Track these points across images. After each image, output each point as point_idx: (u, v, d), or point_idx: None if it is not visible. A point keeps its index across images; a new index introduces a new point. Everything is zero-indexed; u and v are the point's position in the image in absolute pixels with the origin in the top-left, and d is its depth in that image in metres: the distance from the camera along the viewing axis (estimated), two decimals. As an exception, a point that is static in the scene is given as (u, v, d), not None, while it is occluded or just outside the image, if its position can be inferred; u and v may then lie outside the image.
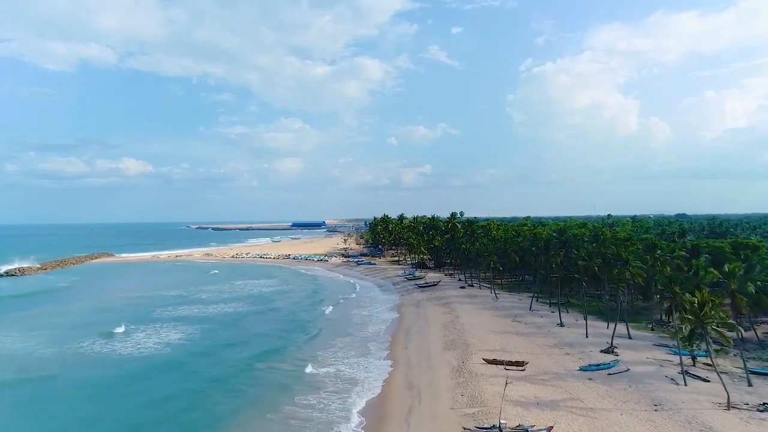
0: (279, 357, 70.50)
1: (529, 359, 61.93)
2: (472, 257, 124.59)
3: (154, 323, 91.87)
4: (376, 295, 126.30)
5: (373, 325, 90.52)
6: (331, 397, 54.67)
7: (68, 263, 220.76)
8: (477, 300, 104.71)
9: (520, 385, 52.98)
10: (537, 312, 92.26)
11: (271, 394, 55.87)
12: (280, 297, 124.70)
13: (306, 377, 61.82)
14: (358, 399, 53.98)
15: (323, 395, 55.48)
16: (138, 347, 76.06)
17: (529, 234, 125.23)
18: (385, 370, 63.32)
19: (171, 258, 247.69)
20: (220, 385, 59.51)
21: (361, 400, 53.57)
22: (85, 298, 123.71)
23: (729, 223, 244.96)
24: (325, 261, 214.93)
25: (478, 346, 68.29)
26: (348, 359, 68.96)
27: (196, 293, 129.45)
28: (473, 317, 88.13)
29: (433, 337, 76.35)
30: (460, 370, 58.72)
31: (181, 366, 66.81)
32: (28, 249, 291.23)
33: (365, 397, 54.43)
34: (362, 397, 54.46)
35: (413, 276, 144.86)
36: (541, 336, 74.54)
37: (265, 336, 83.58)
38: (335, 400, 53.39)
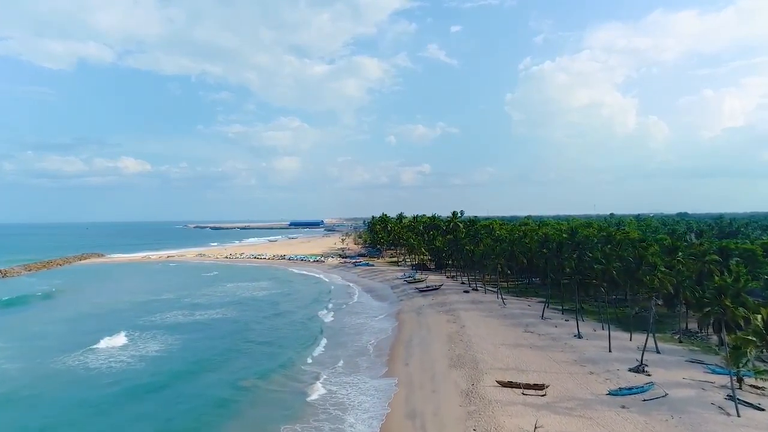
0: (260, 376, 62.31)
1: (549, 380, 53.91)
2: (477, 259, 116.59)
3: (133, 333, 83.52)
4: (373, 300, 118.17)
5: (369, 336, 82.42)
6: (322, 428, 46.58)
7: (55, 264, 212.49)
8: (483, 306, 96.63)
9: (542, 415, 44.93)
10: (550, 320, 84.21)
11: (246, 426, 47.85)
12: (269, 304, 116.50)
13: (291, 402, 53.76)
14: (354, 429, 45.90)
15: (313, 425, 47.43)
16: (110, 362, 67.95)
17: (538, 235, 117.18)
18: (383, 393, 55.21)
19: (162, 259, 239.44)
20: (192, 414, 51.41)
21: (358, 429, 45.50)
22: (65, 306, 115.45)
23: (738, 222, 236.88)
24: (322, 262, 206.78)
25: (488, 363, 60.23)
26: (341, 377, 60.85)
27: (183, 298, 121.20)
28: (480, 327, 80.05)
29: (436, 351, 68.27)
30: (471, 394, 50.64)
31: (154, 389, 58.59)
32: (19, 249, 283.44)
33: (360, 428, 46.35)
34: (356, 428, 46.39)
35: (413, 279, 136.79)
36: (558, 350, 66.50)
37: (247, 350, 75.43)
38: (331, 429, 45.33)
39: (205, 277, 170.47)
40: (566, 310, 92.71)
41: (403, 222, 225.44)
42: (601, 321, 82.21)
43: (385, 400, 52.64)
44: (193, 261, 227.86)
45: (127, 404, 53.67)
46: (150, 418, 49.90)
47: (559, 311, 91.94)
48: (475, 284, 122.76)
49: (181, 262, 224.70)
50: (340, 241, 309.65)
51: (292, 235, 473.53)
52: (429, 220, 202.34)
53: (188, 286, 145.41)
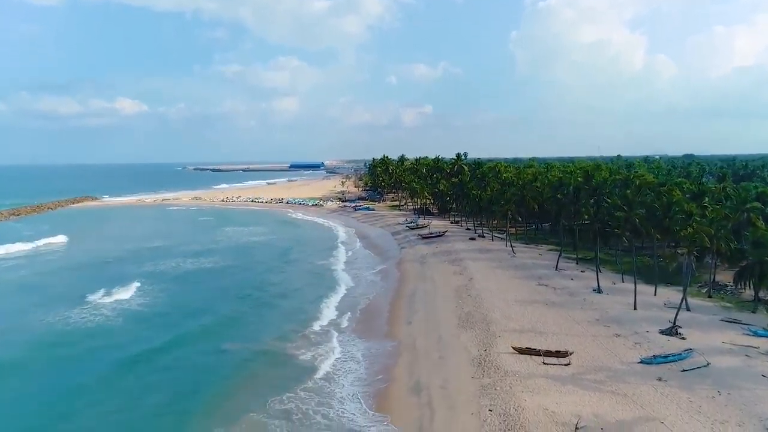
0: (246, 339, 56.18)
1: (571, 345, 47.60)
2: (484, 205, 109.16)
3: (114, 287, 77.09)
4: (373, 248, 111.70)
5: (368, 289, 76.25)
6: (308, 401, 40.52)
7: (45, 208, 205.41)
8: (491, 256, 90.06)
9: (567, 390, 38.73)
10: (565, 272, 77.69)
11: (227, 393, 41.86)
12: (264, 252, 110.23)
13: (278, 369, 47.77)
14: (344, 407, 39.82)
15: (300, 395, 41.43)
16: (91, 319, 61.90)
17: (551, 179, 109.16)
18: (383, 360, 49.11)
19: (157, 202, 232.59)
20: (170, 381, 45.51)
21: (349, 408, 39.45)
22: (50, 256, 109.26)
23: (753, 165, 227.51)
24: (321, 206, 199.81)
25: (501, 324, 53.89)
26: (335, 337, 54.71)
27: (175, 246, 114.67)
28: (490, 279, 73.63)
29: (443, 308, 62.01)
30: (483, 363, 44.39)
31: (125, 353, 52.56)
32: (10, 192, 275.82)
33: (354, 403, 40.30)
34: (349, 402, 40.35)
35: (416, 225, 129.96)
36: (577, 307, 60.15)
37: (235, 306, 69.31)
38: (316, 411, 39.20)
39: (199, 221, 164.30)
40: (581, 259, 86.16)
41: (405, 164, 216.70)
42: (620, 272, 75.72)
43: (385, 370, 46.50)
44: (189, 204, 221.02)
45: (105, 371, 47.77)
46: (121, 389, 43.99)
47: (572, 261, 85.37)
48: (481, 230, 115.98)
49: (176, 205, 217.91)
50: (340, 184, 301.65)
51: (292, 177, 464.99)
52: (432, 163, 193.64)
53: (181, 231, 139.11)
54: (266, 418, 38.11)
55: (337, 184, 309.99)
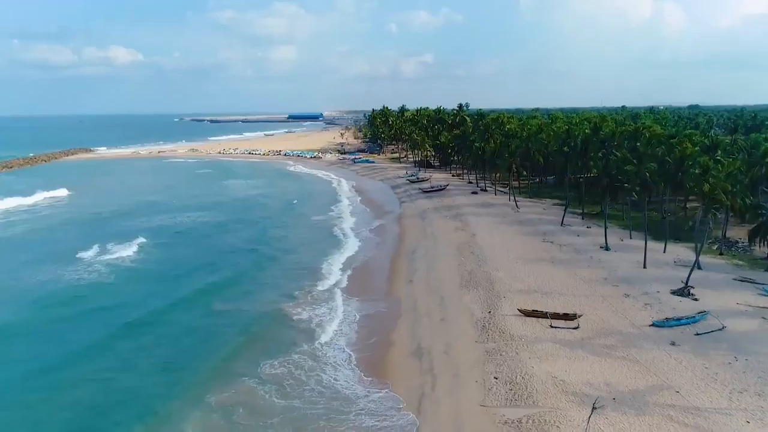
0: (238, 297, 54.21)
1: (579, 306, 45.60)
2: (487, 158, 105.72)
3: (113, 242, 74.73)
4: (372, 202, 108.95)
5: (367, 245, 73.98)
6: (302, 365, 38.73)
7: (38, 161, 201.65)
8: (494, 211, 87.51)
9: (577, 356, 36.84)
10: (570, 228, 75.31)
11: (220, 356, 40.07)
12: (262, 206, 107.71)
13: (274, 326, 46.02)
14: (339, 374, 37.99)
15: (294, 359, 39.66)
16: (80, 276, 59.84)
17: (557, 130, 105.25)
18: (383, 321, 47.23)
19: (153, 154, 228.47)
20: (163, 345, 43.72)
21: (344, 374, 37.66)
22: (42, 211, 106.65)
23: (763, 116, 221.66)
24: (319, 158, 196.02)
25: (506, 284, 51.79)
26: (333, 297, 52.69)
27: (171, 200, 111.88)
28: (493, 235, 71.32)
29: (445, 267, 59.88)
30: (488, 326, 42.43)
31: (116, 314, 50.70)
32: (1, 144, 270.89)
33: (351, 369, 38.48)
34: (345, 368, 38.55)
35: (416, 178, 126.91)
36: (584, 265, 57.98)
37: (230, 261, 67.16)
38: (309, 377, 37.42)
39: (197, 174, 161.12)
40: (587, 215, 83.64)
41: (405, 115, 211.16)
42: (628, 228, 73.26)
43: (384, 333, 44.61)
44: (185, 157, 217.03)
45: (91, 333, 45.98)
46: (112, 352, 42.21)
47: (578, 216, 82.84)
48: (484, 184, 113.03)
49: (172, 157, 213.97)
50: (339, 136, 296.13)
51: (291, 128, 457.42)
52: (433, 114, 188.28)
53: (179, 185, 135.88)
54: (257, 383, 36.35)
55: (336, 135, 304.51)
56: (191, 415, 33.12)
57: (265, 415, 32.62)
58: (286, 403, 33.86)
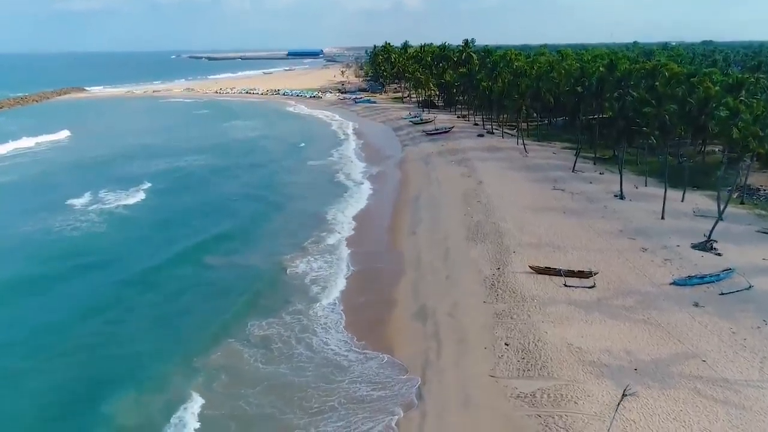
0: (238, 246, 51.49)
1: (594, 262, 42.73)
2: (495, 98, 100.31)
3: (100, 190, 71.55)
4: (373, 145, 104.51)
5: (368, 192, 70.51)
6: (293, 327, 36.26)
7: (30, 101, 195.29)
8: (502, 155, 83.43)
9: (593, 319, 34.20)
10: (582, 174, 71.55)
11: (210, 315, 37.60)
12: (261, 149, 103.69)
13: (265, 276, 43.45)
14: (332, 336, 35.53)
15: (286, 320, 37.17)
16: (69, 227, 57.05)
17: (570, 68, 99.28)
18: (384, 277, 44.48)
19: (147, 94, 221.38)
20: (152, 304, 41.27)
21: (339, 338, 35.20)
22: (33, 155, 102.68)
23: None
24: (319, 98, 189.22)
25: (515, 236, 48.71)
26: (332, 250, 49.81)
27: (167, 143, 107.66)
28: (501, 182, 67.76)
29: (450, 217, 56.69)
30: (497, 284, 39.66)
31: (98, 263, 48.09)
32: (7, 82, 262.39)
33: (336, 339, 35.97)
34: (338, 330, 36.09)
35: (420, 120, 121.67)
36: (597, 215, 54.74)
37: (232, 209, 64.12)
38: (299, 340, 34.98)
39: (194, 116, 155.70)
40: (599, 159, 79.64)
41: (409, 52, 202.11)
42: (643, 175, 69.48)
43: (386, 290, 41.92)
44: (181, 96, 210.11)
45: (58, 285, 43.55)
46: (96, 312, 39.82)
47: (589, 161, 78.84)
48: (490, 126, 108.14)
49: (168, 97, 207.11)
50: (340, 74, 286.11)
51: (290, 66, 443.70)
52: (438, 51, 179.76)
53: (175, 127, 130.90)
54: (245, 346, 34.02)
55: (336, 73, 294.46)
56: (174, 380, 31.03)
57: (248, 382, 30.37)
58: (272, 369, 31.53)
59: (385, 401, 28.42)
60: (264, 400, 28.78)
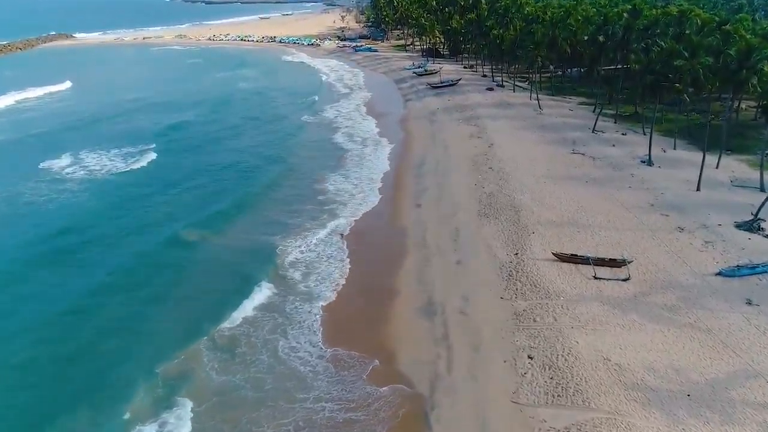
0: (222, 222, 45.98)
1: (625, 243, 37.32)
2: (507, 48, 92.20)
3: (79, 153, 65.69)
4: (374, 99, 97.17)
5: (368, 155, 64.27)
6: (263, 326, 31.30)
7: (13, 48, 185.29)
8: (514, 112, 76.57)
9: (631, 324, 29.00)
10: (603, 135, 65.08)
11: (180, 309, 32.63)
12: (250, 103, 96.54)
13: (252, 258, 38.14)
14: (304, 339, 30.61)
15: (259, 318, 32.23)
16: (53, 193, 51.61)
17: (590, 16, 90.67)
18: (384, 259, 39.14)
19: (138, 41, 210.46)
20: (119, 289, 36.25)
21: (311, 340, 30.27)
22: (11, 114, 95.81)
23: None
24: (317, 46, 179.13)
25: (534, 212, 43.08)
26: (325, 227, 44.28)
27: (156, 96, 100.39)
28: (514, 145, 61.51)
29: (459, 186, 50.86)
30: (516, 275, 34.34)
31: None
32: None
33: (312, 335, 31.05)
34: (306, 333, 31.14)
35: (424, 70, 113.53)
36: (624, 185, 48.88)
37: (219, 175, 58.34)
38: (264, 343, 30.05)
39: (186, 65, 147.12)
40: (621, 116, 72.96)
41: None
42: (670, 135, 63.04)
43: (387, 277, 36.65)
44: (173, 44, 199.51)
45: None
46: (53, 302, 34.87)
47: (610, 119, 72.17)
48: (501, 78, 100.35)
49: (159, 45, 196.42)
50: (339, 19, 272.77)
51: (288, 11, 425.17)
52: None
53: (166, 79, 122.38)
54: (208, 349, 29.25)
55: (336, 19, 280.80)
56: (131, 391, 26.48)
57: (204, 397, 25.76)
58: (240, 373, 26.84)
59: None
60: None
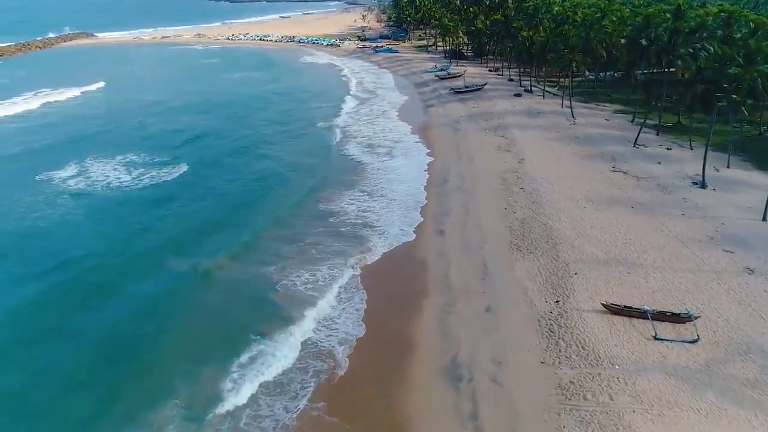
0: (215, 241, 41.08)
1: (687, 292, 31.46)
2: (537, 51, 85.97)
3: (89, 162, 61.65)
4: (393, 104, 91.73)
5: (384, 166, 58.95)
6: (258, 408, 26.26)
7: (33, 47, 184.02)
8: (544, 121, 70.59)
9: (709, 409, 23.07)
10: (645, 150, 58.80)
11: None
12: (265, 109, 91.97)
13: (257, 294, 33.12)
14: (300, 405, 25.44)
15: (260, 395, 27.21)
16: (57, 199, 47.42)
17: (630, 16, 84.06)
18: (402, 302, 33.77)
19: (156, 40, 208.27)
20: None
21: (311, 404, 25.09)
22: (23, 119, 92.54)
23: None
24: (336, 46, 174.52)
25: (575, 246, 37.28)
26: (329, 257, 39.17)
27: (169, 100, 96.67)
28: (547, 160, 55.67)
29: (486, 209, 45.23)
30: (558, 329, 28.68)
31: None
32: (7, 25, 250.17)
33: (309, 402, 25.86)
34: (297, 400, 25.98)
35: (447, 74, 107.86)
36: (676, 212, 42.79)
37: (220, 198, 53.61)
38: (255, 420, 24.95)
39: (202, 65, 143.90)
40: (664, 128, 66.54)
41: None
42: (722, 149, 56.51)
43: (403, 321, 31.26)
44: (191, 43, 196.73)
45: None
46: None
47: (651, 131, 65.70)
48: (529, 82, 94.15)
49: (177, 44, 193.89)
50: (360, 18, 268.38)
51: (311, 10, 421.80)
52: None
53: (179, 80, 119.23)
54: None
55: (357, 18, 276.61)
56: None
57: None
58: None
59: None
60: None
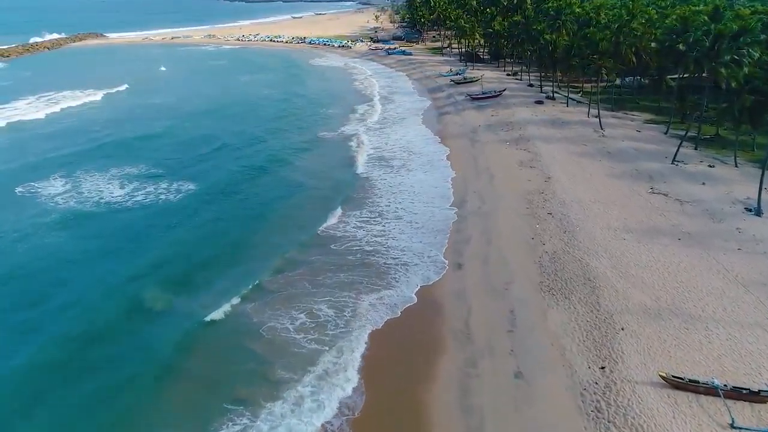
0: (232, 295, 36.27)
1: (760, 352, 26.01)
2: (561, 57, 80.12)
3: (72, 174, 57.42)
4: (407, 110, 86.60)
5: (393, 183, 53.76)
6: None
7: (40, 47, 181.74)
8: (570, 133, 64.94)
9: None
10: (685, 167, 53.02)
11: None
12: (274, 119, 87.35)
13: (245, 347, 28.27)
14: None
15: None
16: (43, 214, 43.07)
17: (658, 19, 78.14)
18: (411, 362, 28.62)
19: (166, 40, 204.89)
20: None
21: None
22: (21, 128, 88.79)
23: None
24: (348, 48, 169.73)
25: (618, 291, 31.82)
26: (332, 292, 34.15)
27: (174, 107, 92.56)
28: (577, 179, 50.13)
29: (510, 238, 39.90)
30: (605, 408, 23.22)
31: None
32: (6, 26, 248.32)
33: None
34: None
35: (463, 78, 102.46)
36: (731, 247, 36.98)
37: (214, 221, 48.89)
38: None
39: (210, 67, 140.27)
40: (703, 141, 60.65)
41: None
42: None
43: (413, 388, 26.15)
44: (201, 43, 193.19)
45: None
46: None
47: (689, 144, 59.74)
48: (551, 88, 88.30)
49: (187, 44, 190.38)
50: (373, 19, 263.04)
51: (323, 10, 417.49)
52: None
53: (186, 82, 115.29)
54: None
55: (369, 18, 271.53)
56: None
57: None
58: None
59: None
60: None
